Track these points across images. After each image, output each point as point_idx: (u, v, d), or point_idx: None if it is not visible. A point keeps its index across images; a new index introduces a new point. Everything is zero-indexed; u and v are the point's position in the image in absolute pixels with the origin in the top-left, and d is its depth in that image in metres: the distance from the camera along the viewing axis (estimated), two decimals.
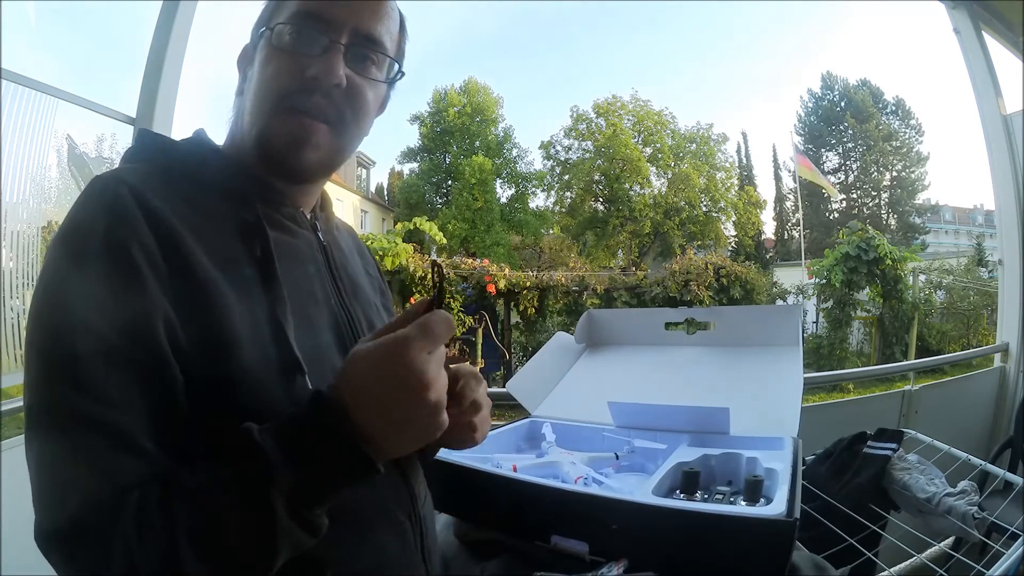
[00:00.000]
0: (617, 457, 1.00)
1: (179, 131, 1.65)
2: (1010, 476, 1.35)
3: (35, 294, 0.47)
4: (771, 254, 24.25)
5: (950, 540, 1.42)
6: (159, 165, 0.55)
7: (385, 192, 26.23)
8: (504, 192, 22.03)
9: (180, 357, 0.46)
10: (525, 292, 7.78)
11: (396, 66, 0.62)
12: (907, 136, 23.97)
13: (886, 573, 1.18)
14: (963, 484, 1.19)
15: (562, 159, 22.65)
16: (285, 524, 0.41)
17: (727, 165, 22.73)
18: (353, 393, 0.43)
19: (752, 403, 1.03)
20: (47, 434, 0.43)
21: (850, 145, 24.42)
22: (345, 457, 0.42)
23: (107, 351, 0.43)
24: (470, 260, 8.25)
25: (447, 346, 0.47)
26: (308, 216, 0.63)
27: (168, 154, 0.57)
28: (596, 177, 21.83)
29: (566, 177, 22.41)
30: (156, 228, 0.47)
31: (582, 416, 1.12)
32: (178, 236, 0.48)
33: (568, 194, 22.54)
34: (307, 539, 0.43)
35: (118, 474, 0.42)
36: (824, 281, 7.85)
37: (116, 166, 0.57)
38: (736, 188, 22.44)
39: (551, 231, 22.25)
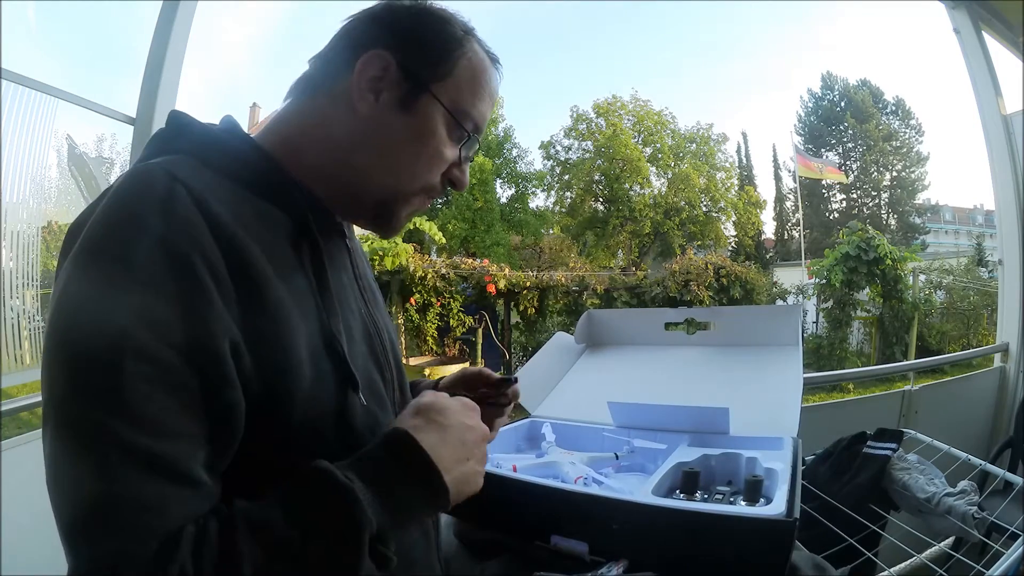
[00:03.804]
0: (617, 457, 1.00)
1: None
2: (1010, 476, 1.35)
3: (64, 301, 0.40)
4: (771, 254, 24.24)
5: (950, 540, 1.42)
6: (201, 158, 0.49)
7: None
8: (504, 192, 21.99)
9: (243, 379, 0.43)
10: (525, 292, 7.78)
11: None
12: (907, 136, 23.97)
13: (886, 573, 1.18)
14: (963, 484, 1.19)
15: (562, 159, 22.63)
16: (367, 565, 0.41)
17: (727, 165, 22.71)
18: (433, 436, 0.48)
19: (752, 403, 1.03)
20: (89, 465, 0.37)
21: (850, 145, 24.43)
22: (430, 502, 0.47)
23: (166, 374, 0.39)
24: (470, 260, 8.24)
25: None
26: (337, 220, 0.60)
27: (212, 147, 0.51)
28: (596, 177, 21.81)
29: (566, 177, 22.38)
30: (218, 236, 0.43)
31: (582, 416, 1.12)
32: (241, 247, 0.44)
33: (568, 194, 22.51)
34: (376, 573, 0.43)
35: (174, 508, 0.38)
36: (824, 281, 7.84)
37: (142, 150, 0.51)
38: (736, 188, 22.41)
39: (551, 231, 22.22)
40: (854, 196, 24.88)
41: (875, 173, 24.08)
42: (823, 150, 24.46)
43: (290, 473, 0.43)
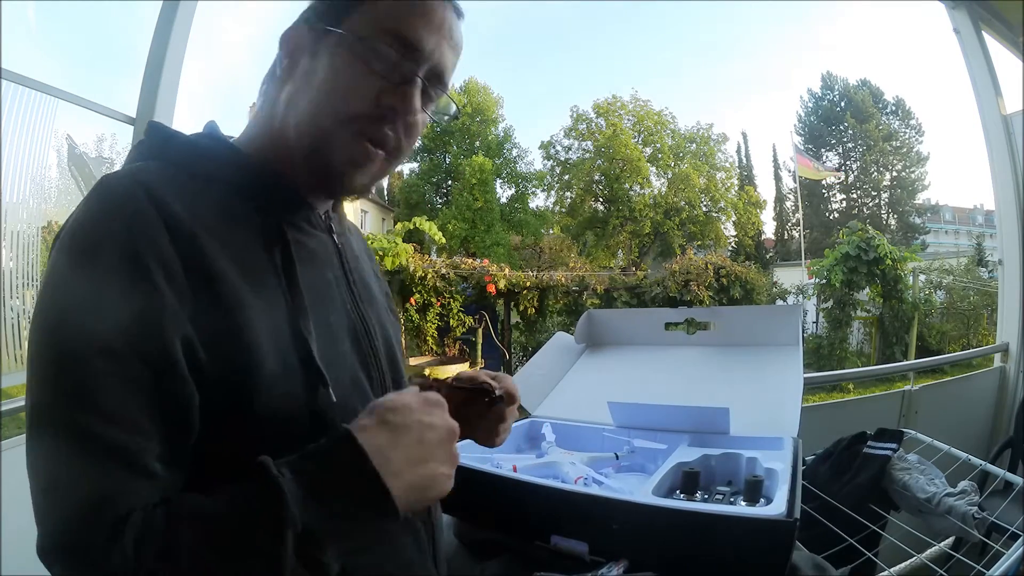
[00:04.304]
0: (617, 457, 1.00)
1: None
2: (1010, 476, 1.35)
3: (39, 302, 0.44)
4: (771, 254, 24.25)
5: (950, 540, 1.42)
6: (173, 162, 0.51)
7: (385, 192, 26.20)
8: (504, 192, 22.03)
9: (198, 375, 0.44)
10: (525, 292, 7.78)
11: (454, 107, 0.61)
12: (907, 136, 23.97)
13: (886, 573, 1.18)
14: (963, 484, 1.19)
15: (562, 159, 22.65)
16: (293, 564, 0.40)
17: (727, 165, 22.72)
18: (382, 437, 0.45)
19: (752, 403, 1.03)
20: (49, 451, 0.42)
21: (850, 145, 24.43)
22: (372, 507, 0.43)
23: (118, 369, 0.41)
24: (470, 260, 8.25)
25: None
26: (323, 217, 0.60)
27: (183, 150, 0.53)
28: (596, 177, 21.82)
29: (566, 177, 22.40)
30: (176, 236, 0.45)
31: (582, 416, 1.12)
32: (200, 246, 0.46)
33: (568, 194, 22.53)
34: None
35: (122, 495, 0.40)
36: (824, 281, 7.83)
37: (123, 162, 0.54)
38: (736, 188, 22.43)
39: (551, 231, 22.23)
40: (854, 196, 24.89)
41: (875, 173, 24.08)
42: (823, 150, 24.48)
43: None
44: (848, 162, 24.61)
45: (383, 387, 0.59)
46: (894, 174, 24.02)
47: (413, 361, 6.94)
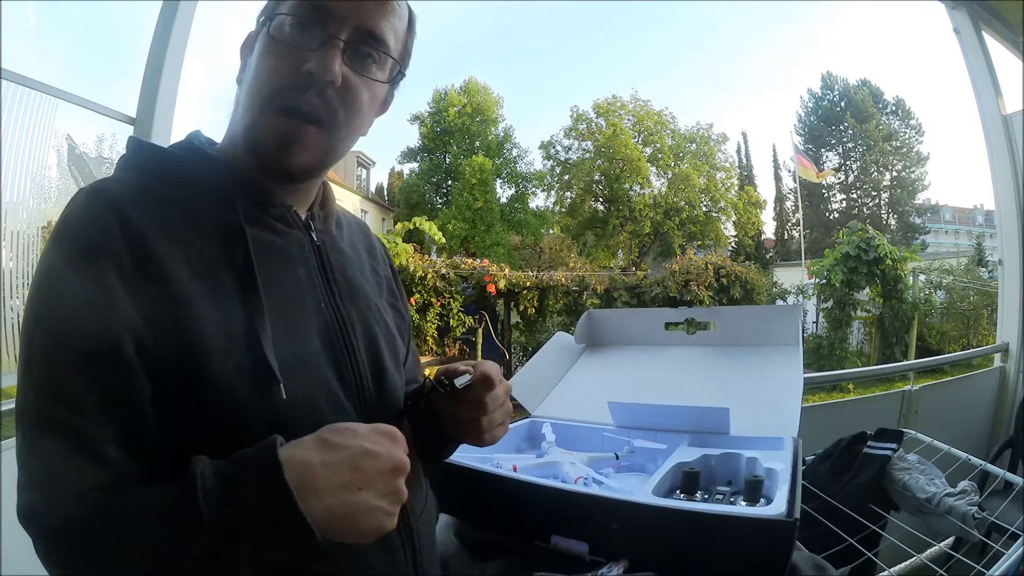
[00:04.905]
0: (617, 457, 1.00)
1: (179, 131, 1.65)
2: (1010, 476, 1.35)
3: (26, 299, 0.49)
4: (771, 254, 24.23)
5: (950, 540, 1.42)
6: (148, 172, 0.55)
7: (385, 192, 26.21)
8: (504, 192, 22.01)
9: (149, 368, 0.46)
10: (525, 292, 7.78)
11: (398, 67, 0.59)
12: (907, 136, 23.95)
13: (886, 573, 1.19)
14: (963, 484, 1.19)
15: (562, 159, 22.64)
16: (195, 556, 0.40)
17: (727, 165, 22.71)
18: (313, 454, 0.43)
19: (752, 403, 1.03)
20: (23, 430, 0.46)
21: (850, 145, 24.41)
22: (275, 511, 0.41)
23: (74, 359, 0.45)
24: (470, 260, 8.25)
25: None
26: (303, 215, 0.60)
27: (156, 160, 0.56)
28: (596, 177, 21.82)
29: (566, 177, 22.39)
30: (130, 238, 0.48)
31: (582, 416, 1.12)
32: (153, 245, 0.48)
33: (568, 194, 22.52)
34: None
35: (76, 477, 0.44)
36: (824, 281, 7.84)
37: (113, 172, 0.57)
38: (736, 188, 22.41)
39: (551, 231, 22.23)
40: (854, 196, 24.87)
41: (875, 173, 24.06)
42: (823, 150, 24.47)
43: None
44: (848, 162, 24.60)
45: (360, 388, 0.58)
46: (894, 174, 23.99)
47: None
